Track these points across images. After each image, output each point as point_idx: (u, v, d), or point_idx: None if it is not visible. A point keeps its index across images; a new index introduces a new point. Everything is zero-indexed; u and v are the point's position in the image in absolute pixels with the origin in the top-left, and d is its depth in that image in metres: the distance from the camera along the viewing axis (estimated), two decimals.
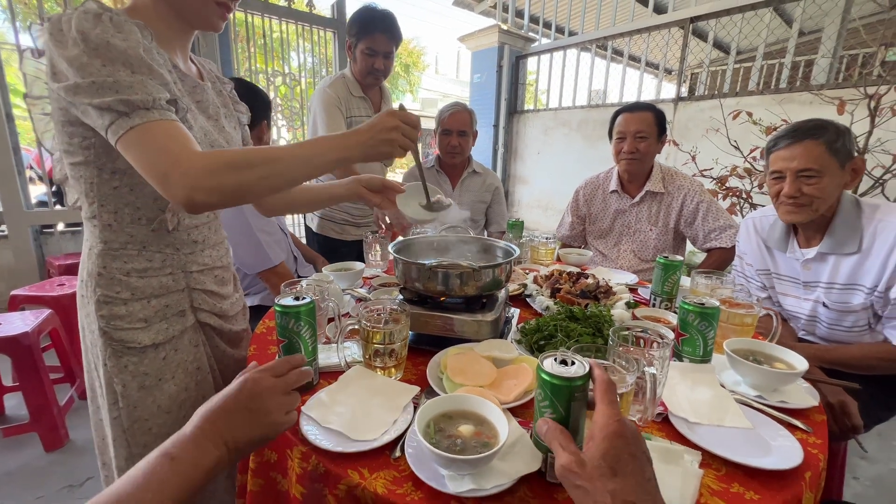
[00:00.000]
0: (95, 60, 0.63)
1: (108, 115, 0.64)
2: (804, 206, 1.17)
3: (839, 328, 1.23)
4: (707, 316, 0.81)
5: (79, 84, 0.63)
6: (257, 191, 0.69)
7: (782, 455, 0.62)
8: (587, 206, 1.95)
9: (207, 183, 0.63)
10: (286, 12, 3.57)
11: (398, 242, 1.09)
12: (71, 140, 0.74)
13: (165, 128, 0.65)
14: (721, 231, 1.66)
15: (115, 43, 0.64)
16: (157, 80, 0.68)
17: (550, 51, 5.22)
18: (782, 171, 1.19)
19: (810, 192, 1.14)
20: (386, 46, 1.79)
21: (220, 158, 0.66)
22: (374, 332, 0.77)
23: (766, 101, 3.23)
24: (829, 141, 1.12)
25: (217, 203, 0.66)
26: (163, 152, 0.63)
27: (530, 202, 5.55)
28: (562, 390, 0.52)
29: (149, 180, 0.65)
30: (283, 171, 0.69)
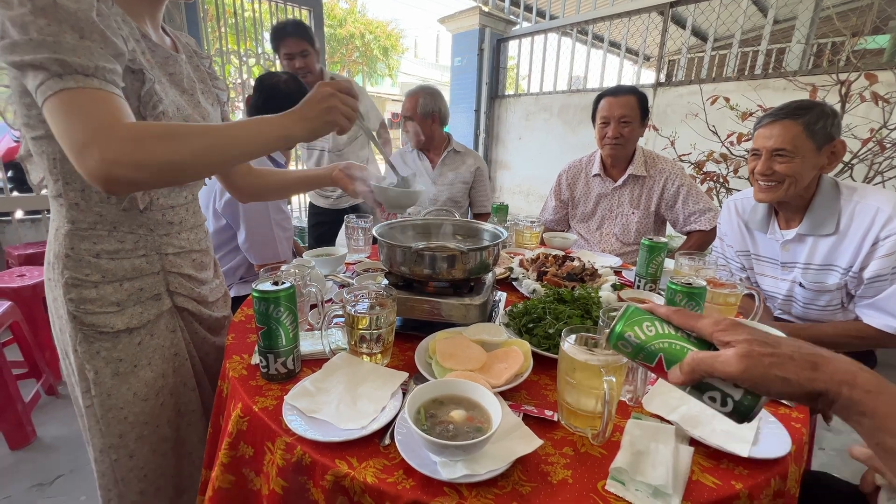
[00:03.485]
0: (40, 20, 0.57)
1: (40, 74, 0.57)
2: (775, 185, 1.18)
3: (814, 307, 1.26)
4: (694, 295, 0.81)
5: (16, 41, 0.57)
6: (190, 168, 0.64)
7: (771, 443, 0.62)
8: (570, 190, 1.95)
9: (131, 156, 0.56)
10: None
11: (382, 225, 1.05)
12: (29, 112, 0.68)
13: (101, 97, 0.59)
14: (701, 214, 1.68)
15: (64, 3, 0.58)
16: (108, 50, 0.62)
17: (532, 34, 5.16)
18: (759, 148, 1.20)
19: (781, 170, 1.16)
20: (298, 46, 1.98)
21: (147, 128, 0.60)
22: (359, 318, 0.75)
23: (742, 87, 3.29)
24: (808, 122, 1.13)
25: (142, 181, 0.60)
26: (85, 120, 0.56)
27: (512, 187, 5.54)
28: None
29: (66, 151, 0.58)
30: (219, 147, 0.65)
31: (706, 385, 0.44)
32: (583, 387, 0.61)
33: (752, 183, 1.27)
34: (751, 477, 0.57)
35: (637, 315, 0.47)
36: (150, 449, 0.82)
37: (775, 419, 0.67)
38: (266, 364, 0.72)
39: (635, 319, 0.47)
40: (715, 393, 0.43)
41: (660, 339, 0.46)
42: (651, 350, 0.46)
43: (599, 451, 0.61)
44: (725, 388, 0.43)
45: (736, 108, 2.79)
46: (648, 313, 0.48)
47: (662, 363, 0.46)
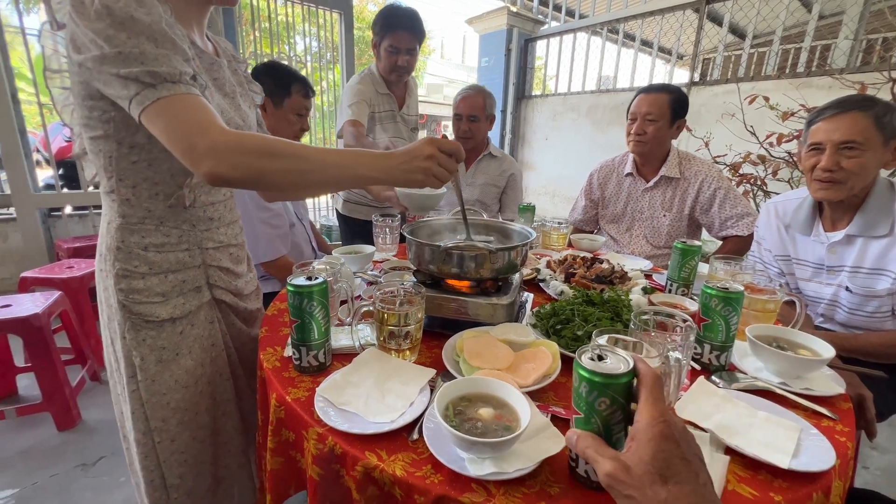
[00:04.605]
0: (121, 33, 0.62)
1: (133, 85, 0.63)
2: (839, 183, 1.12)
3: (860, 313, 1.20)
4: (731, 300, 0.78)
5: (105, 54, 0.62)
6: (277, 182, 0.68)
7: (814, 455, 0.59)
8: (601, 190, 1.91)
9: (233, 159, 0.63)
10: None
11: (411, 224, 1.06)
12: (90, 114, 0.72)
13: (193, 101, 0.65)
14: (738, 219, 1.62)
15: (140, 17, 0.63)
16: (180, 55, 0.67)
17: (560, 34, 5.10)
18: (822, 142, 1.13)
19: (849, 166, 1.09)
20: (409, 43, 1.82)
21: (248, 140, 0.65)
22: (389, 314, 0.76)
23: (782, 86, 3.15)
24: (877, 114, 1.07)
25: (237, 180, 0.65)
26: (191, 123, 0.63)
27: (538, 189, 5.49)
28: (605, 388, 0.48)
29: (174, 151, 0.64)
30: (308, 171, 0.68)
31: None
32: None
33: (809, 181, 1.21)
34: (791, 490, 0.55)
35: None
36: (189, 435, 0.85)
37: (818, 431, 0.64)
38: (299, 356, 0.75)
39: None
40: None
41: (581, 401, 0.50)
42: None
43: None
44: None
45: (776, 108, 2.68)
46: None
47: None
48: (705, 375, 0.80)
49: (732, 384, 0.77)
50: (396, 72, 1.88)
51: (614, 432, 0.49)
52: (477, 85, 2.00)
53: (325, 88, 4.14)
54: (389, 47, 1.82)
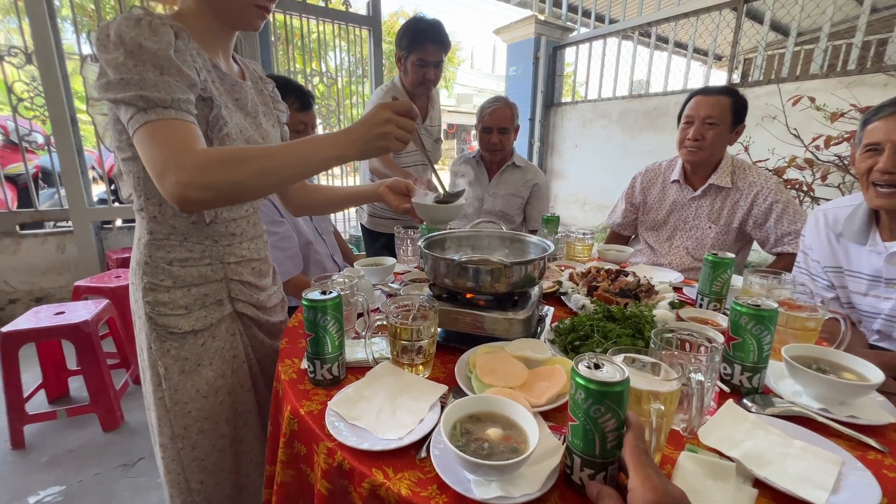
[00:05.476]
0: (129, 61, 0.67)
1: (130, 109, 0.67)
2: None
3: None
4: (763, 319, 0.73)
5: (110, 81, 0.67)
6: (252, 188, 0.70)
7: (857, 493, 0.54)
8: (643, 195, 1.81)
9: (200, 179, 0.64)
10: (323, 11, 3.64)
11: (428, 237, 1.07)
12: (120, 137, 0.78)
13: (177, 126, 0.68)
14: (796, 236, 1.50)
15: (147, 45, 0.68)
16: (184, 82, 0.71)
17: (589, 40, 5.03)
18: (880, 142, 1.05)
19: None
20: (436, 56, 1.81)
21: (213, 154, 0.67)
22: (401, 329, 0.76)
23: (830, 85, 2.96)
24: None
25: (211, 200, 0.67)
26: (164, 149, 0.65)
27: (567, 197, 5.39)
28: (601, 396, 0.49)
29: (151, 177, 0.67)
30: (277, 168, 0.70)
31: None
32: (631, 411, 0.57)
33: (864, 187, 1.13)
34: None
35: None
36: (209, 443, 0.88)
37: (863, 465, 0.58)
38: (313, 369, 0.76)
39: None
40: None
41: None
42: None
43: None
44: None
45: (823, 109, 2.52)
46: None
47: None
48: (736, 398, 0.75)
49: (766, 409, 0.72)
50: (424, 85, 1.89)
51: (609, 440, 0.51)
52: (502, 96, 1.99)
53: (355, 103, 4.26)
54: (418, 61, 1.82)
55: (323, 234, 1.58)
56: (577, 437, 0.53)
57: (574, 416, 0.53)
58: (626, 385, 0.50)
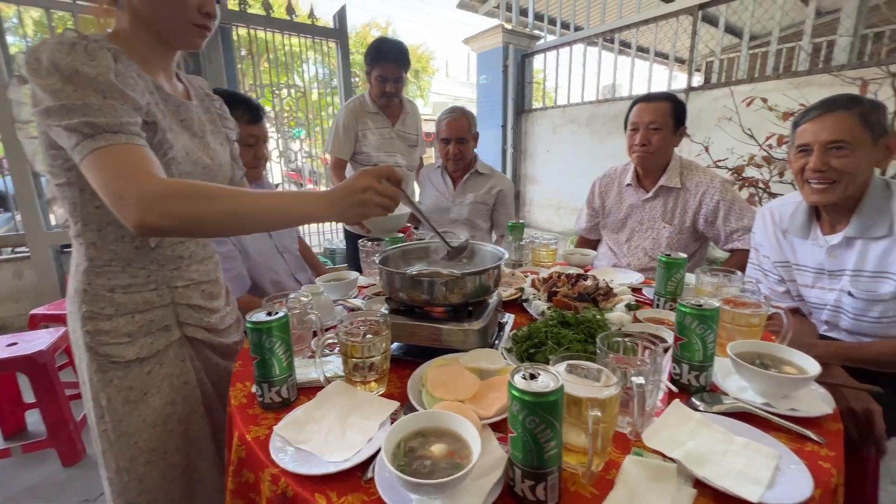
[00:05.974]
0: (68, 86, 0.65)
1: (74, 136, 0.65)
2: (832, 184, 1.08)
3: (865, 319, 1.14)
4: (706, 318, 0.75)
5: (50, 107, 0.65)
6: (214, 226, 0.69)
7: (791, 486, 0.55)
8: (602, 199, 1.87)
9: (161, 207, 0.63)
10: (289, 25, 3.62)
11: (388, 250, 1.06)
12: (54, 162, 0.75)
13: (130, 151, 0.66)
14: (745, 232, 1.56)
15: (86, 70, 0.66)
16: (128, 105, 0.69)
17: (556, 47, 5.15)
18: (809, 143, 1.10)
19: (839, 165, 1.06)
20: (395, 73, 2.05)
21: (181, 186, 0.66)
22: (351, 346, 0.75)
23: (782, 87, 3.10)
24: (862, 113, 1.04)
25: (170, 229, 0.66)
26: (121, 173, 0.64)
27: (542, 202, 5.47)
28: (534, 407, 0.50)
29: (105, 201, 0.65)
30: (246, 214, 0.69)
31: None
32: (571, 419, 0.58)
33: (800, 185, 1.18)
34: None
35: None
36: (158, 474, 0.85)
37: (799, 458, 0.60)
38: (261, 393, 0.74)
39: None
40: None
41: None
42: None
43: (591, 490, 0.56)
44: None
45: (775, 109, 2.63)
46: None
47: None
48: (684, 398, 0.76)
49: (714, 406, 0.73)
50: (385, 97, 2.10)
51: (546, 450, 0.51)
52: (458, 107, 2.03)
53: (330, 114, 4.25)
54: (378, 76, 2.05)
55: (284, 252, 1.55)
56: (517, 449, 0.53)
57: (513, 428, 0.53)
58: (559, 394, 0.50)
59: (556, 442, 0.51)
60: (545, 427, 0.50)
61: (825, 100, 1.11)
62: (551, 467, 0.52)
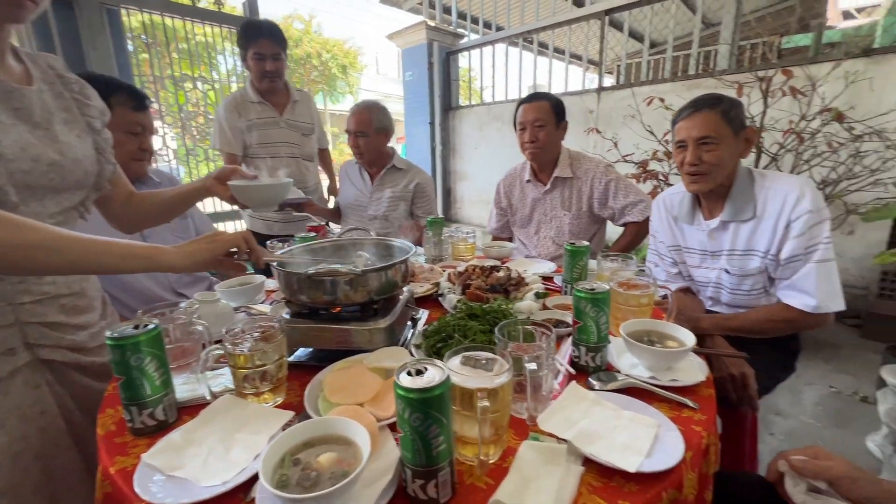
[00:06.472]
0: None
1: None
2: (705, 175, 1.20)
3: (740, 293, 1.28)
4: (598, 301, 0.79)
5: None
6: (10, 262, 0.61)
7: (665, 453, 0.59)
8: (507, 198, 1.97)
9: None
10: (190, 11, 3.31)
11: (290, 249, 1.00)
12: None
13: None
14: (633, 206, 1.71)
15: None
16: None
17: (480, 46, 5.25)
18: (685, 139, 1.22)
19: (709, 159, 1.18)
20: (272, 48, 1.92)
21: None
22: (238, 356, 0.69)
23: (677, 88, 3.42)
24: (724, 110, 1.17)
25: None
26: None
27: (472, 197, 5.57)
28: (417, 404, 0.48)
29: None
30: (56, 249, 0.63)
31: None
32: (465, 411, 0.57)
33: (682, 176, 1.29)
34: (640, 493, 0.54)
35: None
36: None
37: (674, 425, 0.65)
38: (130, 417, 0.65)
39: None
40: None
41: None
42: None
43: (486, 480, 0.56)
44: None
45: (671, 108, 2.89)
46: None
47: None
48: (583, 378, 0.80)
49: (609, 384, 0.77)
50: (267, 77, 1.95)
51: (434, 446, 0.50)
52: (367, 101, 2.00)
53: None
54: (255, 55, 1.92)
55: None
56: (406, 449, 0.51)
57: (401, 428, 0.51)
58: (444, 388, 0.49)
59: (444, 437, 0.50)
60: (431, 423, 0.49)
61: (693, 100, 1.23)
62: (441, 463, 0.50)
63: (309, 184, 2.15)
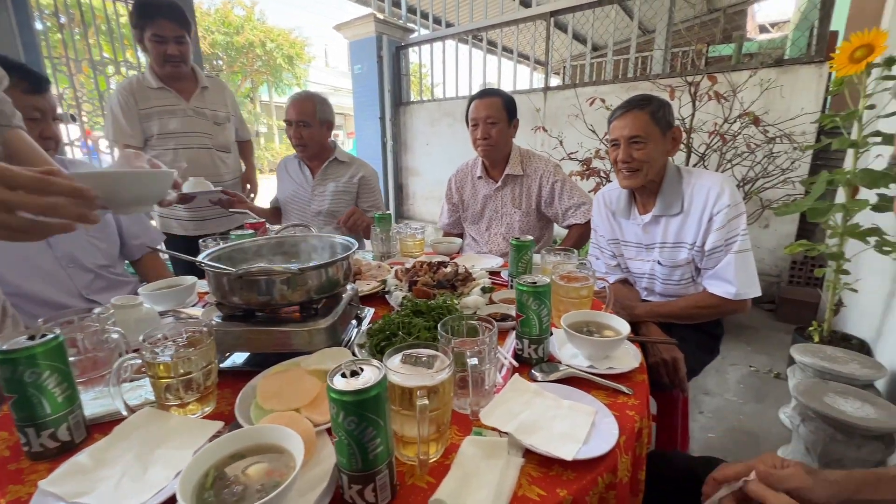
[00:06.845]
0: None
1: None
2: (636, 172, 1.27)
3: (671, 282, 1.37)
4: (539, 294, 0.81)
5: None
6: None
7: (601, 439, 0.61)
8: (459, 194, 1.97)
9: None
10: None
11: (219, 249, 0.93)
12: None
13: None
14: (576, 208, 1.76)
15: None
16: None
17: (430, 41, 5.22)
18: (617, 138, 1.28)
19: (639, 156, 1.24)
20: (173, 31, 1.72)
21: None
22: (158, 365, 0.63)
23: (616, 90, 3.60)
24: (652, 111, 1.24)
25: None
26: None
27: (424, 193, 5.55)
28: (351, 406, 0.46)
29: None
30: None
31: None
32: (405, 411, 0.56)
33: (616, 173, 1.35)
34: (577, 480, 0.56)
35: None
36: None
37: (609, 411, 0.68)
38: (27, 440, 0.58)
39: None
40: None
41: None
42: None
43: (428, 479, 0.55)
44: None
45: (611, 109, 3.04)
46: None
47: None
48: (525, 370, 0.81)
49: (550, 375, 0.79)
50: (171, 62, 1.75)
51: (370, 449, 0.48)
52: (308, 90, 1.92)
53: None
54: (153, 37, 1.71)
55: (70, 265, 1.21)
56: (342, 454, 0.49)
57: (335, 433, 0.49)
58: (380, 389, 0.48)
59: (381, 440, 0.48)
60: (367, 426, 0.47)
61: (626, 101, 1.30)
62: (379, 466, 0.49)
63: (226, 178, 1.96)
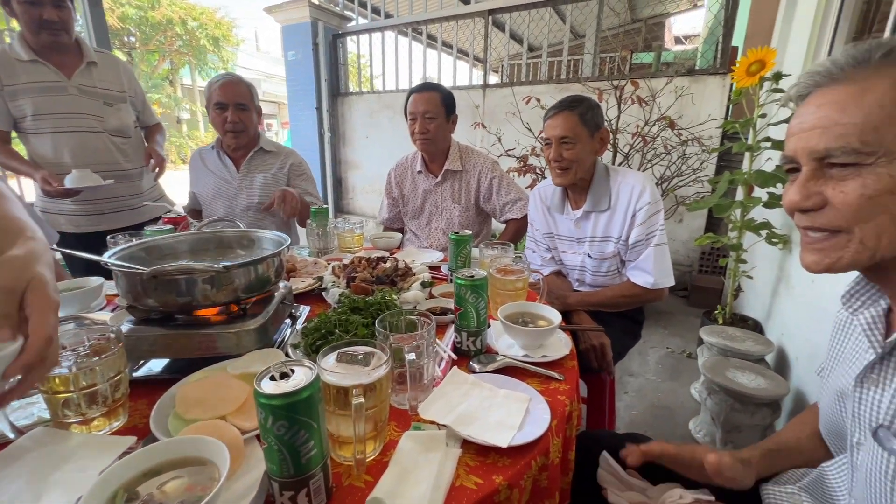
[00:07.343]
0: None
1: None
2: (566, 170, 1.34)
3: (599, 274, 1.47)
4: (477, 287, 0.82)
5: None
6: None
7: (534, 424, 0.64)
8: (399, 188, 1.95)
9: None
10: None
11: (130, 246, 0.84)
12: None
13: None
14: (513, 203, 1.81)
15: None
16: None
17: (368, 31, 5.09)
18: (550, 137, 1.34)
19: (568, 156, 1.31)
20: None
21: None
22: (51, 378, 0.55)
23: (550, 90, 3.75)
24: (581, 113, 1.31)
25: None
26: None
27: (364, 187, 5.43)
28: (281, 410, 0.44)
29: None
30: None
31: None
32: (341, 410, 0.54)
33: (549, 170, 1.42)
34: (512, 466, 0.58)
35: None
36: None
37: (542, 397, 0.71)
38: None
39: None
40: None
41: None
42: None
43: (366, 478, 0.55)
44: None
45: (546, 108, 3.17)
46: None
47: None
48: (464, 362, 0.82)
49: (488, 366, 0.81)
50: (47, 29, 1.49)
51: (303, 453, 0.46)
52: (231, 72, 1.78)
53: None
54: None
55: None
56: (272, 461, 0.46)
57: (264, 439, 0.46)
58: (312, 390, 0.46)
59: (315, 442, 0.47)
60: (299, 430, 0.45)
61: (558, 102, 1.36)
62: (313, 470, 0.47)
63: (126, 166, 1.72)
